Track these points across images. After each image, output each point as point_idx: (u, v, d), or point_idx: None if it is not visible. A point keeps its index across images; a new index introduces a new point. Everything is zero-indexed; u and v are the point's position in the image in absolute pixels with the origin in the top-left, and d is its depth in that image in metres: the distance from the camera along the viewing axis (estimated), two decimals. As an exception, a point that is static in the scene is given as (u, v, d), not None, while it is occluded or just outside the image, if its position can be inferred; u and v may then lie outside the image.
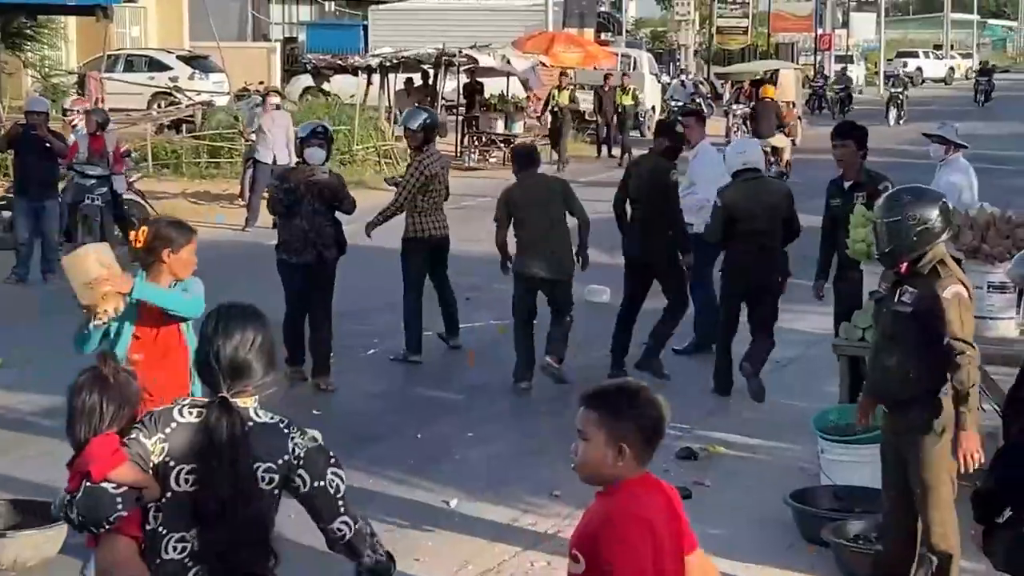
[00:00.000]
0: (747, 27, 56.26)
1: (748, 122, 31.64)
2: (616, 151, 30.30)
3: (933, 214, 6.12)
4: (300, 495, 4.16)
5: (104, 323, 6.16)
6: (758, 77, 34.83)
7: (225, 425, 4.05)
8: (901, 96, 41.53)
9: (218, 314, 4.21)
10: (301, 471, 4.12)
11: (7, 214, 16.38)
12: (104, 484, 4.03)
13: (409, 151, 12.87)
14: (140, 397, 4.34)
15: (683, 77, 41.64)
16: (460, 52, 27.96)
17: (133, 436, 4.10)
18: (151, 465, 4.08)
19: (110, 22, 25.17)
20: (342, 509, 4.17)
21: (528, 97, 30.33)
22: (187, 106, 28.89)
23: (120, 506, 4.04)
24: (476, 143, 28.68)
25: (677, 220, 11.13)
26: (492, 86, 30.67)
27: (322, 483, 4.14)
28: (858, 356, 8.35)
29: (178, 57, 35.18)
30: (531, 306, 10.98)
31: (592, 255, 11.39)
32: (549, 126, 28.66)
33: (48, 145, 15.24)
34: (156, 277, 6.29)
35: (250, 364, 4.12)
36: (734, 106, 33.07)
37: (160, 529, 4.10)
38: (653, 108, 35.07)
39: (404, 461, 8.96)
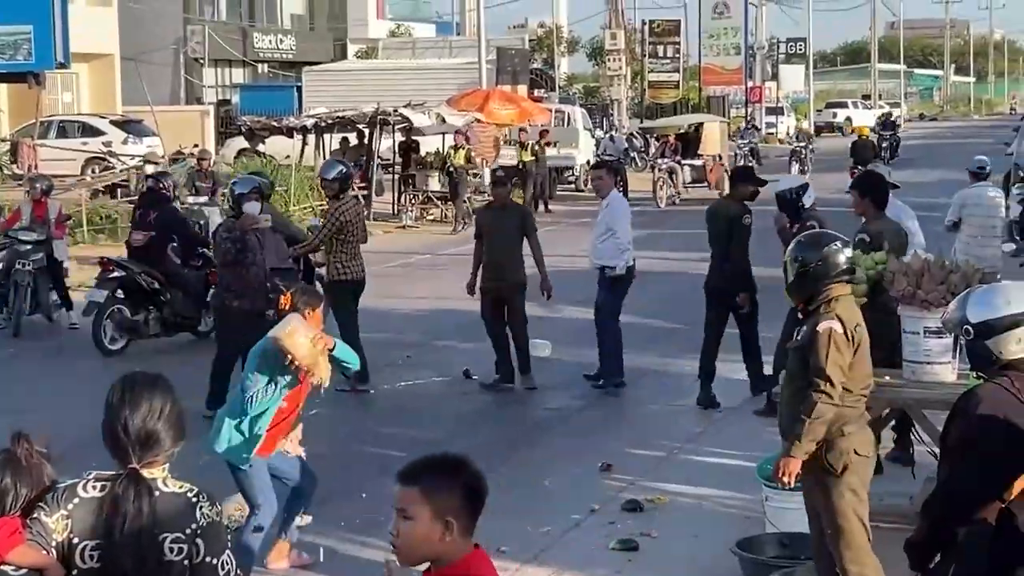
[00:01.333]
0: (678, 81, 56.88)
1: (673, 176, 31.97)
2: (551, 205, 30.51)
3: (814, 257, 6.43)
4: (191, 564, 3.98)
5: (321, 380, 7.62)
6: (682, 131, 35.07)
7: (132, 496, 3.93)
8: (804, 150, 40.21)
9: (123, 384, 4.08)
10: (199, 540, 3.98)
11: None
12: (3, 567, 3.93)
13: (326, 200, 13.64)
14: (51, 479, 4.17)
15: (612, 133, 41.85)
16: (395, 111, 28.06)
17: (35, 516, 3.99)
18: (54, 543, 3.96)
19: (42, 88, 25.07)
20: None
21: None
22: (121, 170, 28.77)
23: None
24: (413, 201, 28.73)
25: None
26: (428, 144, 30.78)
27: (215, 560, 4.01)
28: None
29: (111, 122, 35.07)
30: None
31: (530, 308, 11.46)
32: (447, 187, 28.12)
33: None
34: None
35: (159, 434, 4.00)
36: (659, 160, 33.22)
37: None
38: (588, 162, 35.25)
39: (351, 521, 8.91)
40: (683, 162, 33.15)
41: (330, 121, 28.86)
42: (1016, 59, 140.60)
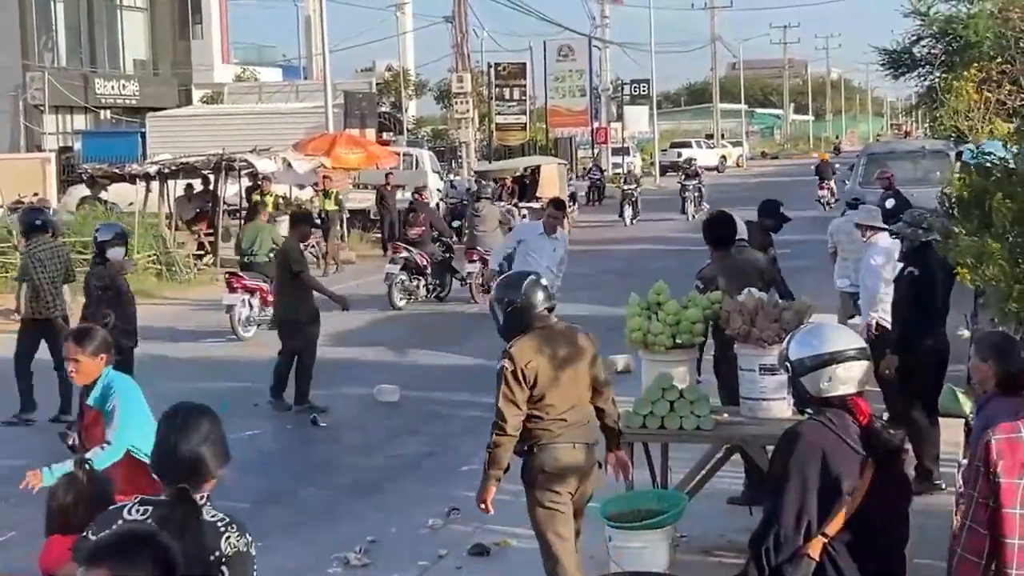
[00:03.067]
0: (525, 123, 57.40)
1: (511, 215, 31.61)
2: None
3: (517, 296, 7.00)
4: None
5: None
6: (518, 174, 34.98)
7: (180, 517, 4.21)
8: (634, 193, 39.28)
9: (174, 411, 4.46)
10: (224, 568, 4.22)
11: None
12: None
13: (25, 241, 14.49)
14: (112, 500, 4.52)
15: (452, 178, 41.82)
16: (240, 157, 27.83)
17: (84, 535, 4.22)
18: None
19: None
20: None
21: (312, 199, 30.32)
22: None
23: None
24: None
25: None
26: (276, 189, 30.56)
27: None
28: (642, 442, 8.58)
29: (-53, 171, 34.18)
30: None
31: (379, 353, 11.43)
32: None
33: None
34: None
35: (206, 460, 4.37)
36: (498, 203, 32.81)
37: None
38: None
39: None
40: (520, 205, 32.53)
41: (174, 167, 28.52)
42: (852, 97, 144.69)
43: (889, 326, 10.95)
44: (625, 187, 39.40)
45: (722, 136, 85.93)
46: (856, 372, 4.90)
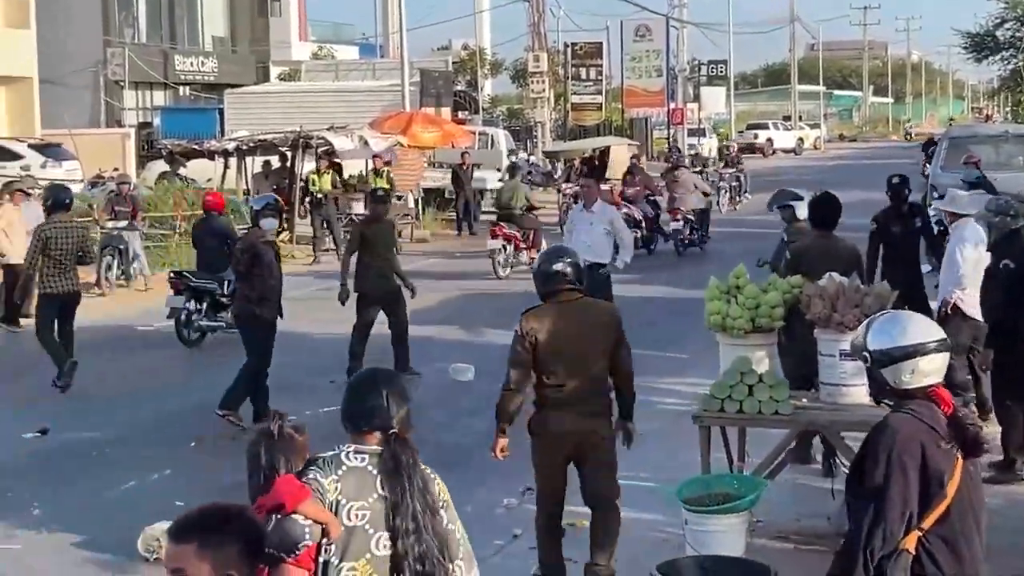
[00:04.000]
0: (601, 103, 57.21)
1: (578, 199, 31.22)
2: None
3: (534, 268, 7.96)
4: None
5: None
6: (587, 155, 34.42)
7: (408, 455, 4.57)
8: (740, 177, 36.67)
9: (376, 373, 4.90)
10: (442, 511, 4.66)
11: None
12: (294, 516, 4.37)
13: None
14: (306, 449, 4.86)
15: (514, 159, 41.22)
16: (317, 134, 27.96)
17: (311, 476, 4.51)
18: (327, 503, 4.48)
19: (-42, 112, 24.81)
20: (461, 552, 4.64)
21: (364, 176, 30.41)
22: (39, 194, 28.38)
23: (308, 536, 4.39)
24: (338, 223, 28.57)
25: None
26: (352, 167, 30.70)
27: (454, 526, 4.69)
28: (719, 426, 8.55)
29: (29, 145, 34.64)
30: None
31: (455, 332, 11.45)
32: (311, 217, 27.80)
33: None
34: None
35: (407, 408, 4.68)
36: (564, 185, 32.61)
37: (333, 559, 4.48)
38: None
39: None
40: None
41: (252, 144, 28.72)
42: (933, 80, 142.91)
43: (965, 309, 10.80)
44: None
45: (800, 118, 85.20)
46: (938, 363, 4.81)
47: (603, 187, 32.22)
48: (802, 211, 11.42)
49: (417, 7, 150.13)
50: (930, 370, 4.79)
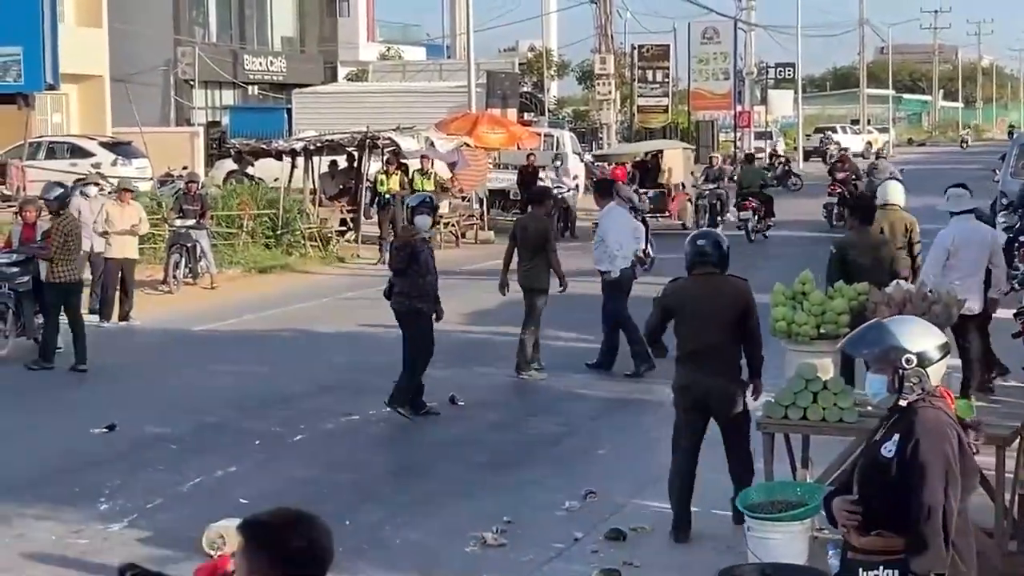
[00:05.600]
0: (667, 105, 57.04)
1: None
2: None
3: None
4: None
5: None
6: (639, 159, 33.59)
7: None
8: (721, 195, 32.19)
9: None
10: None
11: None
12: None
13: (49, 215, 15.79)
14: None
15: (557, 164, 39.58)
16: (383, 135, 28.07)
17: None
18: None
19: (32, 110, 25.11)
20: None
21: (452, 178, 30.46)
22: (110, 192, 28.70)
23: None
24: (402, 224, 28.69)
25: None
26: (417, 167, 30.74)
27: None
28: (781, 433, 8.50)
29: (100, 143, 35.04)
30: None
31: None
32: (378, 217, 27.66)
33: None
34: None
35: None
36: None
37: None
38: (577, 187, 35.33)
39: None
40: (640, 191, 29.92)
41: (319, 144, 28.88)
42: (1004, 84, 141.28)
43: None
44: (707, 186, 32.60)
45: (868, 122, 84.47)
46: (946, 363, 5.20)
47: (649, 193, 31.10)
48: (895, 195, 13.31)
49: (484, 8, 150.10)
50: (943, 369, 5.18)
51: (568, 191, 31.42)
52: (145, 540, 9.09)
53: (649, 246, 21.29)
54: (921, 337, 5.13)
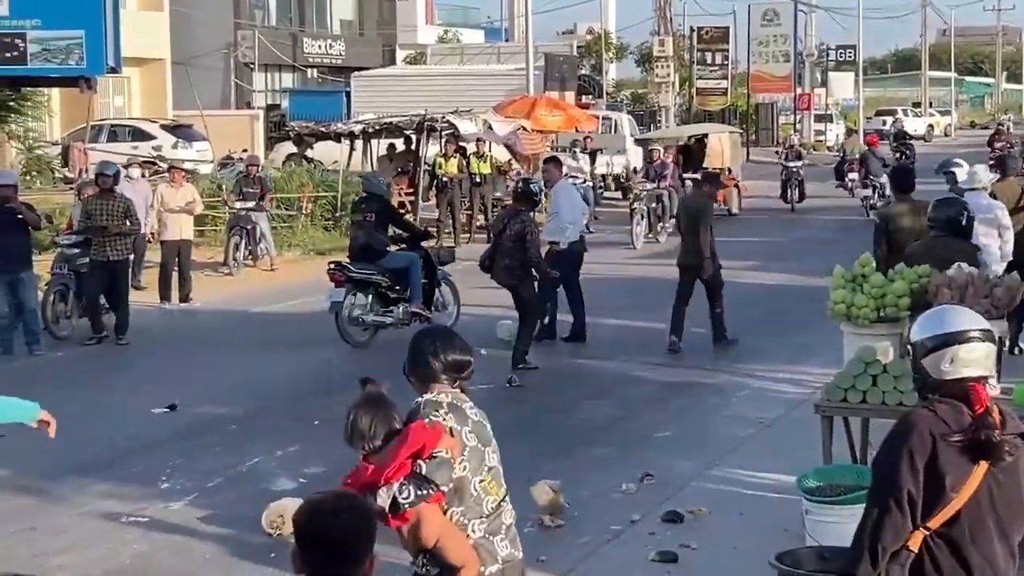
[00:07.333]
0: (726, 88, 56.73)
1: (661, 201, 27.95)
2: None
3: None
4: None
5: None
6: (682, 143, 33.07)
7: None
8: (799, 172, 33.62)
9: (432, 332, 5.51)
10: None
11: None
12: (438, 453, 4.94)
13: (100, 191, 16.24)
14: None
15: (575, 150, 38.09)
16: (442, 118, 28.10)
17: (433, 417, 5.07)
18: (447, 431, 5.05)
19: (94, 93, 25.28)
20: None
21: (510, 160, 30.44)
22: (162, 175, 28.96)
23: (454, 471, 5.05)
24: (460, 207, 28.72)
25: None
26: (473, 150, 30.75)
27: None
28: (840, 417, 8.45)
29: (161, 126, 35.34)
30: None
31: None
32: (436, 199, 27.74)
33: (20, 217, 15.05)
34: None
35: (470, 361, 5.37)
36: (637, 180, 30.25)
37: (468, 475, 5.20)
38: (635, 170, 35.14)
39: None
40: (685, 176, 29.73)
41: (378, 127, 28.96)
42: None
43: None
44: (788, 163, 33.86)
45: (930, 104, 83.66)
46: (979, 354, 4.58)
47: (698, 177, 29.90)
48: (962, 175, 13.24)
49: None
50: (970, 360, 4.56)
51: (583, 181, 28.59)
52: (205, 519, 9.18)
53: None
54: (919, 324, 4.75)
